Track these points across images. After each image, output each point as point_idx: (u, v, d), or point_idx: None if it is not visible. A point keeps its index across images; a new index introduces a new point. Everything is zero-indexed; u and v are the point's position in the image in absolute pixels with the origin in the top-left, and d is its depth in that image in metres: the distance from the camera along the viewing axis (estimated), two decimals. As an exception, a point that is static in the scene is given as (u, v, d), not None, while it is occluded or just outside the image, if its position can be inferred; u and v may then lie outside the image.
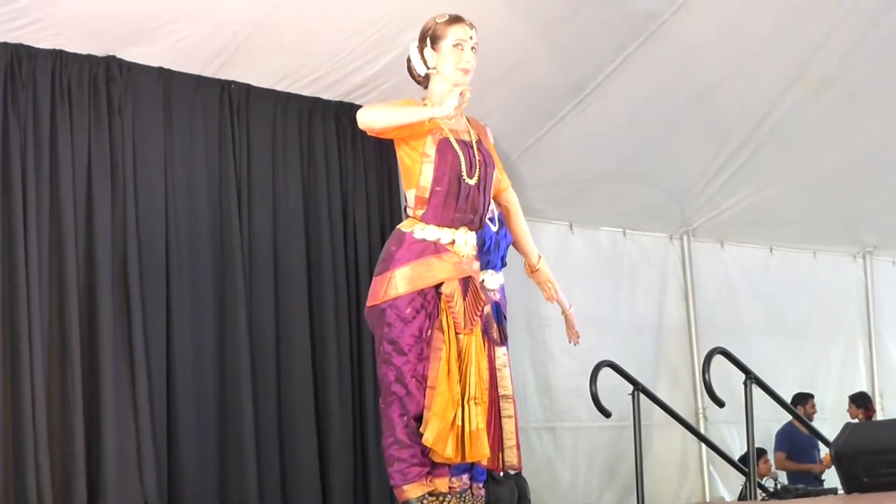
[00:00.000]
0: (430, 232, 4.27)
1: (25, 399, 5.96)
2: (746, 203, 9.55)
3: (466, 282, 4.30)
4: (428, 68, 4.38)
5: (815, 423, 9.21)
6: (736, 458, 8.35)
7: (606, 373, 7.92)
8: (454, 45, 4.33)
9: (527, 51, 7.34)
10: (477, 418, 4.21)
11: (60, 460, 6.11)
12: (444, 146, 4.28)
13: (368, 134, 4.30)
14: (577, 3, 7.07)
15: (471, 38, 4.35)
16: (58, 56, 6.35)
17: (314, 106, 7.40)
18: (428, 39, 4.37)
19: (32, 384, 5.98)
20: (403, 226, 4.34)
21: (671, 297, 9.88)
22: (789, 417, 9.64)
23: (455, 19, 4.37)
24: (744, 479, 8.00)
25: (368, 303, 4.28)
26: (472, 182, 4.31)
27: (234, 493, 6.66)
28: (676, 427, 8.76)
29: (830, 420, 10.12)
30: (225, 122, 7.01)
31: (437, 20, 4.38)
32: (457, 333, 4.24)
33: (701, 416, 9.66)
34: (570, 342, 5.30)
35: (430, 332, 4.22)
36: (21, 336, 6.00)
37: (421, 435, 4.12)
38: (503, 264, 5.53)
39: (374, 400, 6.89)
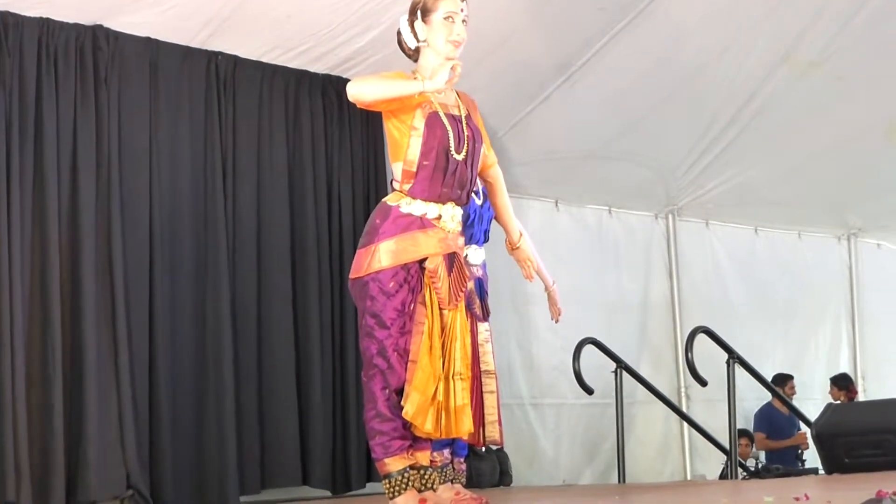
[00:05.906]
0: (416, 206, 4.26)
1: (5, 376, 5.89)
2: (732, 183, 9.56)
3: (451, 257, 4.29)
4: (418, 41, 4.35)
5: (797, 405, 9.24)
6: (719, 438, 8.36)
7: (590, 350, 7.94)
8: (445, 18, 4.30)
9: (514, 27, 7.31)
10: (461, 394, 4.21)
11: (40, 443, 6.04)
12: (432, 120, 4.26)
13: (358, 106, 4.27)
14: (566, -21, 7.07)
15: (461, 10, 4.32)
16: (45, 24, 6.30)
17: (301, 78, 7.37)
18: (418, 12, 4.33)
19: (13, 360, 5.91)
20: (389, 199, 4.32)
21: (656, 276, 9.89)
22: (771, 398, 9.68)
23: (445, -9, 4.35)
24: (725, 458, 8.04)
25: (352, 275, 4.27)
26: (460, 157, 4.29)
27: (215, 464, 6.66)
28: (659, 405, 8.79)
29: (813, 401, 10.16)
30: (211, 94, 6.97)
31: (428, -7, 4.35)
32: (440, 309, 4.24)
33: (683, 394, 9.69)
34: (551, 319, 5.32)
35: (412, 306, 4.21)
36: (1, 308, 5.94)
37: (402, 408, 4.12)
38: (486, 238, 5.52)
39: (356, 373, 6.89)
